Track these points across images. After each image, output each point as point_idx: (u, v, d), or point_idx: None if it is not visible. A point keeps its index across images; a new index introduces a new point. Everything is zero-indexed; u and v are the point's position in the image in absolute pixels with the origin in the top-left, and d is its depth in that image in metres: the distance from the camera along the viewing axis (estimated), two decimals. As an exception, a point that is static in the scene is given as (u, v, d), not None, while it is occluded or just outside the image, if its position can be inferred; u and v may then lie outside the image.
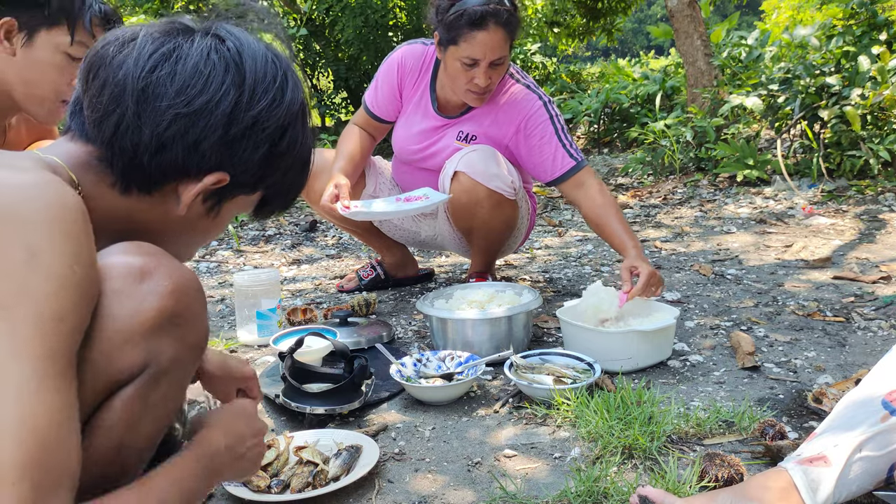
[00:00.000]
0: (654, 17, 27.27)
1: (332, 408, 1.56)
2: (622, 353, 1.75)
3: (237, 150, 0.90)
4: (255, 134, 0.90)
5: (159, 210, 0.93)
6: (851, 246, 2.97)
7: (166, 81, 0.86)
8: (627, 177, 5.26)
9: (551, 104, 2.30)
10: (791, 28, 5.18)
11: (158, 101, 0.85)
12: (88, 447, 0.80)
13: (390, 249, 2.73)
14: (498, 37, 2.09)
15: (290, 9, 8.23)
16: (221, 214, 0.97)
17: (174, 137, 0.86)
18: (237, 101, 0.88)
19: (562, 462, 1.38)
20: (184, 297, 0.85)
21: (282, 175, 0.97)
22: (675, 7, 5.12)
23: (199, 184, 0.90)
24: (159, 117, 0.85)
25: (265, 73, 0.91)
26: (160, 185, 0.90)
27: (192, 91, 0.86)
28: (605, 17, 9.46)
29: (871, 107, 3.94)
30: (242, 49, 0.90)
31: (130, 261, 0.83)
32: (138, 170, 0.88)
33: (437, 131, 2.37)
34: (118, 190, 0.90)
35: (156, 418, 0.87)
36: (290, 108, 0.93)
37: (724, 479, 1.20)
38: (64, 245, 0.72)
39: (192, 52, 0.87)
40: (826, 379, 1.68)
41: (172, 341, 0.84)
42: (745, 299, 2.33)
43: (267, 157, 0.92)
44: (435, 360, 1.80)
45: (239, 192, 0.95)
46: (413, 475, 1.37)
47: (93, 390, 0.80)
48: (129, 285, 0.82)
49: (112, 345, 0.80)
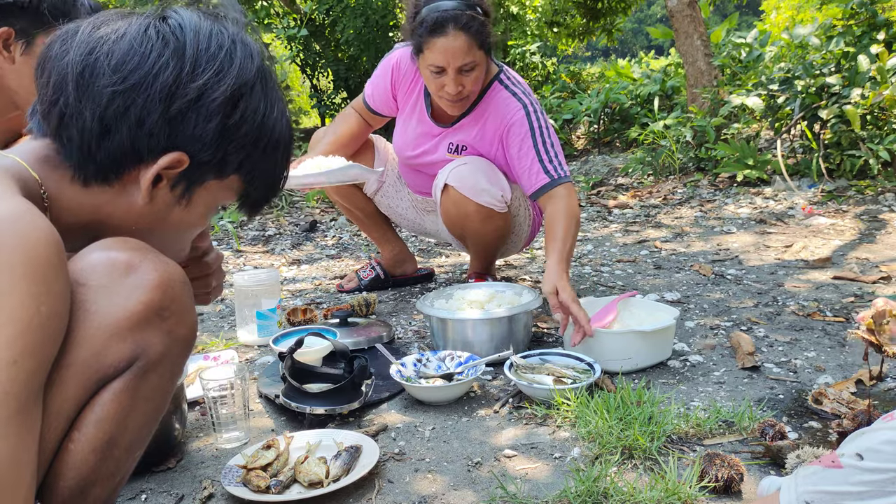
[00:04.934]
0: (654, 17, 27.28)
1: (332, 408, 1.56)
2: (622, 353, 1.75)
3: (186, 126, 0.86)
4: (203, 106, 0.86)
5: (124, 202, 0.90)
6: (851, 246, 2.97)
7: (103, 61, 0.83)
8: (627, 177, 5.26)
9: (536, 114, 2.19)
10: (791, 28, 5.17)
11: (96, 82, 0.83)
12: (79, 442, 0.81)
13: (389, 243, 2.73)
14: (459, 42, 2.01)
15: (290, 9, 8.23)
16: (193, 202, 0.93)
17: (116, 117, 0.83)
18: (178, 74, 0.84)
19: (562, 462, 1.38)
20: (170, 290, 0.84)
21: (247, 154, 0.91)
22: (675, 7, 5.13)
23: (153, 166, 0.86)
24: (98, 97, 0.83)
25: (209, 44, 0.87)
26: (117, 174, 0.87)
27: (128, 66, 0.83)
28: (605, 18, 9.47)
29: (870, 107, 3.94)
30: (184, 23, 0.87)
31: (114, 256, 0.83)
32: (90, 158, 0.86)
33: (430, 139, 2.37)
34: (79, 183, 0.88)
35: (146, 412, 0.86)
36: (241, 75, 0.88)
37: (724, 479, 1.20)
38: (30, 287, 0.71)
39: (130, 31, 0.85)
40: (826, 379, 1.68)
41: (161, 334, 0.84)
42: (745, 299, 2.33)
43: (221, 131, 0.88)
44: (435, 360, 1.80)
45: (207, 176, 0.91)
46: (413, 475, 1.37)
47: (82, 386, 0.80)
48: (113, 280, 0.81)
49: (99, 340, 0.80)
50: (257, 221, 4.56)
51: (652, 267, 2.86)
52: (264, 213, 4.77)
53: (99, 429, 0.81)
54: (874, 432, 0.93)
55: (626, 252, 3.16)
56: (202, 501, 1.32)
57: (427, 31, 2.02)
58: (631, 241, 3.41)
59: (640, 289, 2.52)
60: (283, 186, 1.01)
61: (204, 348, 2.14)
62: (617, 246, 3.32)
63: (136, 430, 0.86)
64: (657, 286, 2.55)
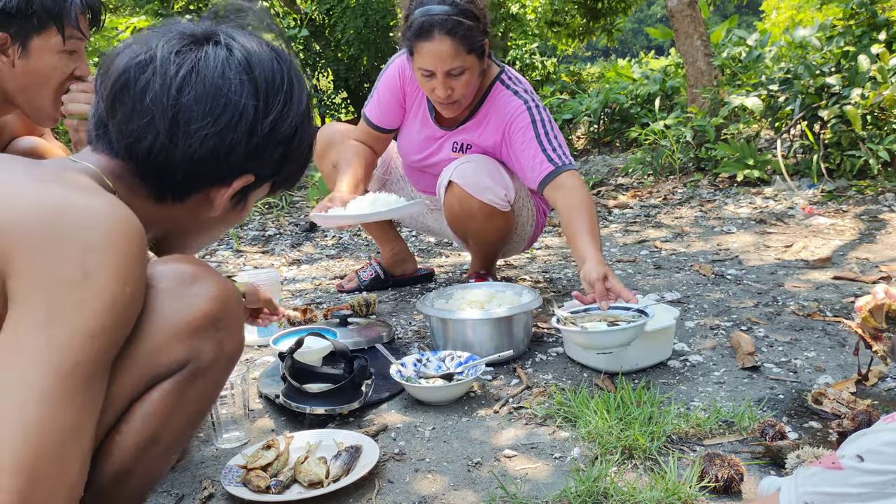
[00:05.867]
0: (654, 17, 27.28)
1: (332, 408, 1.56)
2: (622, 353, 1.74)
3: (261, 154, 0.98)
4: (276, 137, 0.97)
5: (192, 212, 1.01)
6: (851, 246, 2.97)
7: (192, 105, 0.91)
8: (627, 177, 5.26)
9: (538, 108, 2.20)
10: (791, 28, 5.17)
11: (188, 125, 0.91)
12: (125, 434, 0.86)
13: (390, 242, 2.73)
14: (445, 46, 2.02)
15: (290, 9, 8.23)
16: (245, 206, 1.07)
17: (205, 154, 0.93)
18: (256, 112, 0.95)
19: (562, 462, 1.37)
20: (227, 304, 0.92)
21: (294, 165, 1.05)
22: (675, 7, 5.12)
23: (229, 189, 0.98)
24: (190, 138, 0.92)
25: (274, 77, 0.97)
26: (193, 195, 0.98)
27: (216, 111, 0.92)
28: (605, 18, 9.46)
29: (871, 107, 3.94)
30: (251, 58, 0.96)
31: (182, 267, 0.91)
32: (172, 184, 0.96)
33: (434, 141, 2.37)
34: (152, 199, 0.97)
35: (188, 415, 0.92)
36: (299, 107, 1.00)
37: (724, 479, 1.20)
38: (117, 267, 0.78)
39: (210, 71, 0.93)
40: (826, 379, 1.68)
41: (213, 344, 0.90)
42: (745, 299, 2.33)
43: (284, 156, 1.01)
44: (435, 360, 1.80)
45: (261, 185, 1.04)
46: (413, 475, 1.37)
47: (137, 380, 0.86)
48: (179, 286, 0.89)
49: (159, 339, 0.86)
50: (257, 221, 4.56)
51: (652, 267, 2.86)
52: (264, 214, 4.78)
53: (145, 424, 0.87)
54: (875, 434, 0.93)
55: (626, 252, 3.16)
56: (202, 501, 1.32)
57: (414, 35, 2.05)
58: (631, 241, 3.41)
59: (640, 289, 2.52)
60: None
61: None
62: (617, 246, 3.32)
63: (177, 432, 0.91)
64: (657, 286, 2.55)
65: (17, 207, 0.79)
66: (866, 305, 1.36)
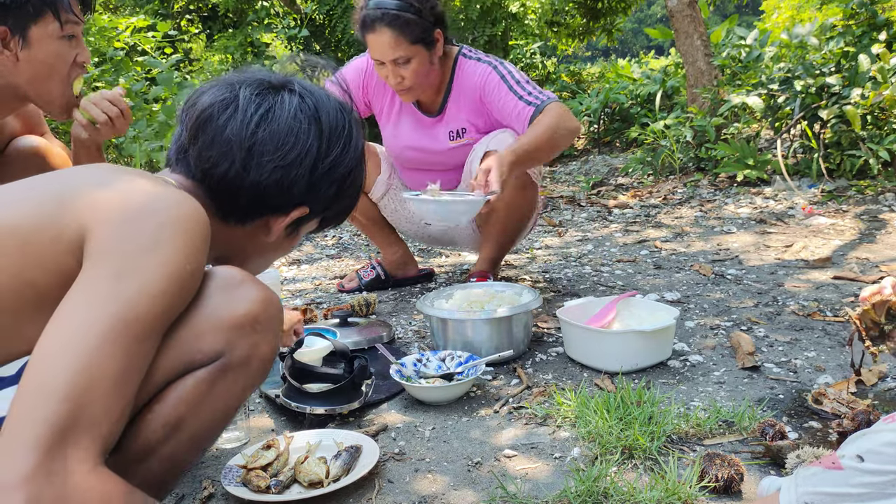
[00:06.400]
0: (654, 17, 27.28)
1: (332, 408, 1.56)
2: (622, 353, 1.75)
3: (318, 189, 1.10)
4: (332, 176, 1.10)
5: (251, 236, 1.12)
6: (851, 246, 2.97)
7: (266, 140, 1.04)
8: (627, 177, 5.26)
9: (502, 65, 2.31)
10: (791, 28, 5.17)
11: (261, 157, 1.04)
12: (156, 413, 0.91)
13: (392, 246, 2.74)
14: (386, 38, 2.18)
15: (290, 9, 8.23)
16: (297, 236, 1.18)
17: (271, 184, 1.05)
18: (319, 151, 1.07)
19: (562, 462, 1.38)
20: (269, 309, 0.98)
21: (345, 203, 1.18)
22: (675, 7, 5.12)
23: (287, 218, 1.10)
24: (262, 169, 1.04)
25: (337, 125, 1.10)
26: (255, 219, 1.10)
27: (286, 147, 1.05)
28: (605, 17, 9.46)
29: (871, 107, 3.94)
30: (319, 106, 1.09)
31: (233, 272, 0.99)
32: (238, 207, 1.07)
33: (425, 128, 2.43)
34: (218, 219, 1.07)
35: (216, 409, 0.96)
36: (356, 151, 1.13)
37: (724, 479, 1.20)
38: (184, 245, 0.88)
39: (284, 113, 1.06)
40: (826, 379, 1.68)
41: (248, 343, 0.95)
42: (745, 299, 2.33)
43: (338, 193, 1.13)
44: (435, 360, 1.80)
45: (313, 218, 1.15)
46: (413, 475, 1.37)
47: (176, 362, 0.91)
48: (228, 286, 0.96)
49: (202, 327, 0.92)
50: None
51: (652, 267, 2.86)
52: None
53: (175, 407, 0.92)
54: (875, 434, 0.93)
55: (626, 252, 3.16)
56: (202, 501, 1.32)
57: (361, 28, 2.23)
58: (631, 241, 3.41)
59: (640, 289, 2.52)
60: None
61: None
62: (617, 246, 3.32)
63: (203, 423, 0.95)
64: (657, 286, 2.55)
65: (107, 187, 0.91)
66: (871, 298, 1.34)
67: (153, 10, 7.76)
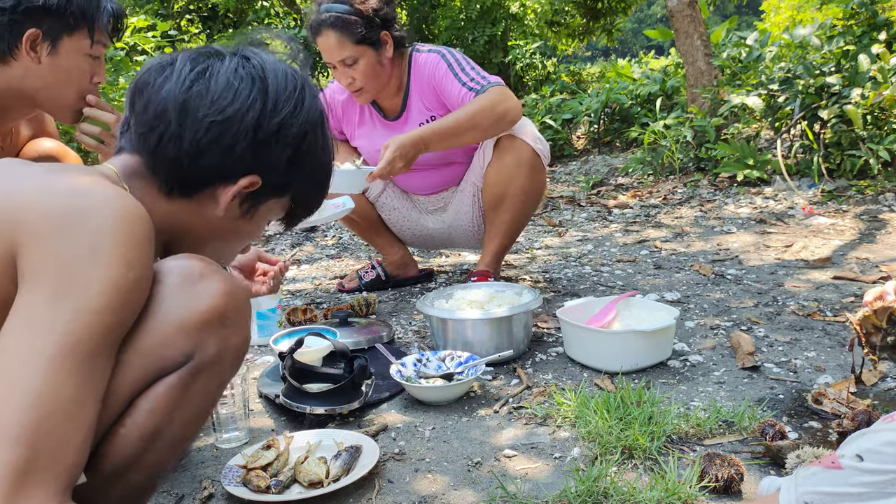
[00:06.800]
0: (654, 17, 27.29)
1: (332, 408, 1.56)
2: (622, 353, 1.75)
3: (266, 153, 1.01)
4: (281, 138, 1.01)
5: (200, 213, 1.03)
6: (851, 246, 2.97)
7: (203, 95, 0.97)
8: (627, 177, 5.26)
9: (451, 53, 2.37)
10: (791, 28, 5.17)
11: (196, 113, 0.97)
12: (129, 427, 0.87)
13: (392, 247, 2.74)
14: (331, 40, 2.26)
15: (290, 9, 8.23)
16: (256, 217, 1.08)
17: (210, 143, 0.97)
18: (263, 109, 0.99)
19: (562, 462, 1.38)
20: (234, 301, 0.93)
21: (304, 181, 1.08)
22: (675, 7, 5.12)
23: (234, 186, 1.01)
24: (197, 126, 0.97)
25: (286, 85, 1.02)
26: (200, 190, 1.01)
27: (224, 102, 0.97)
28: (605, 17, 9.46)
29: (871, 107, 3.94)
30: (266, 65, 1.02)
31: (190, 264, 0.93)
32: (180, 175, 0.99)
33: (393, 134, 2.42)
34: (163, 194, 1.00)
35: (192, 411, 0.92)
36: (310, 114, 1.04)
37: (724, 479, 1.20)
38: (124, 250, 0.82)
39: (223, 69, 0.99)
40: (826, 379, 1.68)
41: (218, 340, 0.91)
42: (745, 299, 2.33)
43: (292, 160, 1.03)
44: (435, 360, 1.80)
45: (270, 196, 1.06)
46: (413, 475, 1.37)
47: (142, 373, 0.87)
48: (187, 283, 0.91)
49: (165, 332, 0.88)
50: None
51: (652, 267, 2.86)
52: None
53: (148, 418, 0.87)
54: (875, 433, 0.93)
55: (626, 252, 3.16)
56: (202, 501, 1.32)
57: (311, 34, 2.34)
58: (631, 241, 3.41)
59: (640, 289, 2.52)
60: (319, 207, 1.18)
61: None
62: (617, 246, 3.32)
63: (181, 427, 0.92)
64: (657, 286, 2.55)
65: (30, 193, 0.84)
66: (873, 303, 1.34)
67: (153, 10, 7.76)
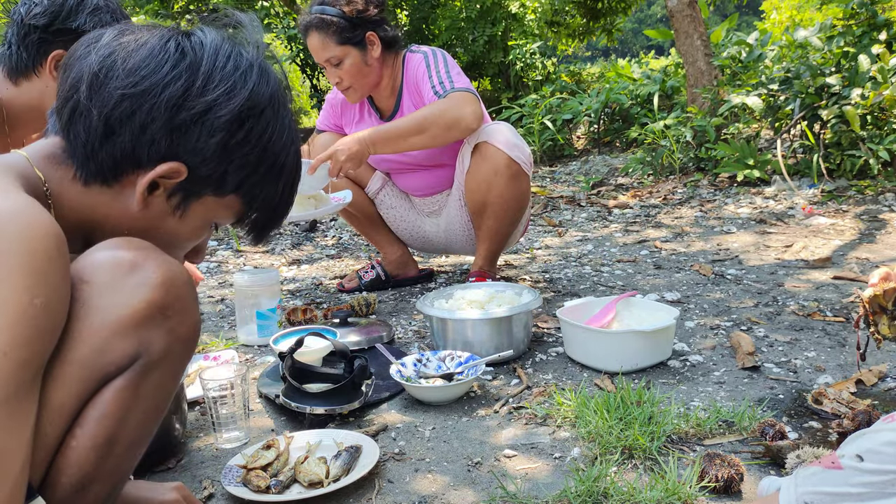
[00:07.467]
0: (654, 17, 27.29)
1: (332, 408, 1.56)
2: (622, 353, 1.75)
3: (189, 138, 0.87)
4: (209, 121, 0.87)
5: (120, 205, 0.91)
6: (851, 246, 2.97)
7: (119, 65, 0.86)
8: (627, 177, 5.26)
9: (433, 53, 2.39)
10: (791, 28, 5.17)
11: (109, 83, 0.85)
12: (80, 439, 0.81)
13: (391, 246, 2.74)
14: (317, 41, 2.32)
15: (290, 9, 8.23)
16: (188, 215, 0.94)
17: (121, 119, 0.85)
18: (188, 87, 0.86)
19: (562, 462, 1.37)
20: (173, 289, 0.85)
21: (247, 174, 0.93)
22: (675, 7, 5.13)
23: (151, 172, 0.88)
24: (107, 98, 0.85)
25: (225, 63, 0.89)
26: (116, 176, 0.89)
27: (141, 72, 0.85)
28: (605, 17, 9.46)
29: (871, 107, 3.94)
30: (206, 41, 0.89)
31: (119, 254, 0.84)
32: (92, 157, 0.88)
33: None
34: (80, 182, 0.89)
35: (147, 410, 0.87)
36: (252, 98, 0.90)
37: (724, 479, 1.20)
38: (25, 279, 0.72)
39: (151, 40, 0.88)
40: (826, 379, 1.68)
41: (163, 333, 0.84)
42: (745, 299, 2.33)
43: (223, 148, 0.89)
44: (435, 360, 1.80)
45: (205, 191, 0.93)
46: (413, 475, 1.37)
47: (84, 383, 0.80)
48: (117, 278, 0.82)
49: (101, 337, 0.80)
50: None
51: (652, 267, 2.86)
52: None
53: (100, 426, 0.81)
54: (875, 433, 0.93)
55: (626, 252, 3.16)
56: (202, 501, 1.32)
57: (302, 36, 2.39)
58: (631, 241, 3.41)
59: (640, 289, 2.52)
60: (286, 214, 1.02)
61: (204, 348, 2.14)
62: (617, 246, 3.32)
63: (138, 429, 0.86)
64: (657, 286, 2.55)
65: None
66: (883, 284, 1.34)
67: (153, 10, 7.76)
